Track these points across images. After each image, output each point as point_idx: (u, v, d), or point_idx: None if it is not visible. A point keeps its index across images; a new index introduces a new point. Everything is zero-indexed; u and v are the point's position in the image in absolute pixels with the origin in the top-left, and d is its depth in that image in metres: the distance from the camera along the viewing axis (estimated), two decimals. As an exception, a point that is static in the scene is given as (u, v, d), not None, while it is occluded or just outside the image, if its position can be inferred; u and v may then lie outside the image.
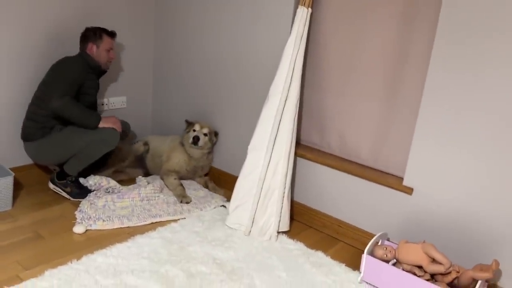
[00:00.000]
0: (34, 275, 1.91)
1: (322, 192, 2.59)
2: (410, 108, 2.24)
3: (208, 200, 2.78)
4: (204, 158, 3.01)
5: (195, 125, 2.92)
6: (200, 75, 3.10)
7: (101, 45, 2.68)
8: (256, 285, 1.99)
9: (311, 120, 2.65)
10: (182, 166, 2.94)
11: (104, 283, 1.89)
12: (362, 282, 2.10)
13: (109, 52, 2.74)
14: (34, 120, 2.56)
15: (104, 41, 2.69)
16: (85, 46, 2.67)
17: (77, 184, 2.69)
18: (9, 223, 2.35)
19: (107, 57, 2.73)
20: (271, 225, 2.44)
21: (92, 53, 2.67)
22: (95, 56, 2.67)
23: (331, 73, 2.50)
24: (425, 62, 2.14)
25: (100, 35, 2.68)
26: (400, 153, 2.32)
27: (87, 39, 2.68)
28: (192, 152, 2.93)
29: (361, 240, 2.43)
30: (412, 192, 2.22)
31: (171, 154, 2.96)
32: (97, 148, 2.59)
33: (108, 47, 2.72)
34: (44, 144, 2.57)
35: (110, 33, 2.74)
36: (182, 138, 2.99)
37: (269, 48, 2.67)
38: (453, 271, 1.95)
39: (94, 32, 2.68)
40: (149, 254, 2.14)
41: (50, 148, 2.59)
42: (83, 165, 2.65)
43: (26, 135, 2.61)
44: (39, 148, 2.60)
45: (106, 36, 2.71)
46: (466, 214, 2.07)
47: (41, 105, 2.54)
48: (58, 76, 2.54)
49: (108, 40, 2.72)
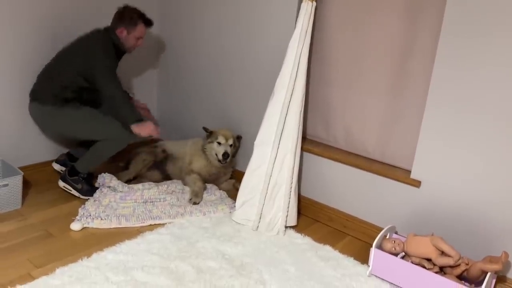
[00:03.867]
0: (45, 273, 1.93)
1: (329, 186, 2.59)
2: (417, 100, 2.23)
3: (215, 205, 2.65)
4: (227, 165, 2.93)
5: (219, 136, 2.80)
6: (204, 71, 3.10)
7: (133, 32, 2.59)
8: (265, 280, 2.00)
9: (317, 114, 2.65)
10: (203, 171, 2.87)
11: (115, 280, 1.90)
12: (370, 275, 2.10)
13: (138, 40, 2.65)
14: (53, 81, 2.49)
15: (137, 29, 2.60)
16: (116, 27, 2.58)
17: (88, 181, 2.68)
18: (19, 221, 2.37)
19: (134, 44, 2.65)
20: (278, 220, 2.45)
21: (121, 36, 2.59)
22: (123, 40, 2.60)
23: (337, 67, 2.49)
24: (431, 56, 2.13)
25: (135, 22, 2.58)
26: (407, 146, 2.31)
27: (121, 22, 2.57)
28: (216, 164, 2.86)
29: (369, 233, 2.43)
30: (420, 185, 2.22)
31: (193, 158, 2.90)
32: (110, 146, 2.58)
33: (139, 35, 2.63)
34: (58, 115, 2.52)
35: (147, 22, 2.64)
36: (204, 146, 2.89)
37: (274, 43, 2.66)
38: (462, 263, 1.95)
39: (131, 17, 2.58)
40: (159, 250, 2.15)
41: (64, 121, 2.54)
42: (94, 164, 2.65)
43: (36, 94, 2.55)
44: (50, 115, 2.54)
45: (141, 25, 2.61)
46: (474, 206, 2.07)
47: (69, 70, 2.48)
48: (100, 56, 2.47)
49: (142, 29, 2.62)
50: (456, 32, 1.98)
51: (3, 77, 2.61)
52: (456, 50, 2.00)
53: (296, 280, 2.02)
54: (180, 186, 2.82)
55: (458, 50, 1.99)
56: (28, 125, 2.77)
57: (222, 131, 2.84)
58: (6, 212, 2.45)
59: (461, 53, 1.98)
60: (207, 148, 2.85)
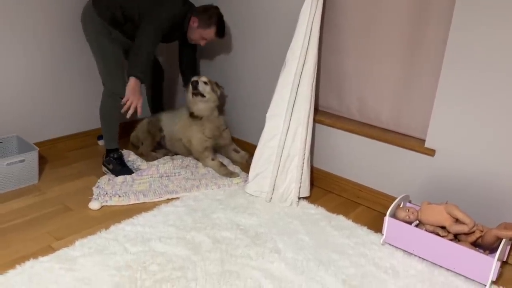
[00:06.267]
0: (65, 245, 1.98)
1: (342, 157, 2.59)
2: (431, 68, 2.19)
3: (229, 178, 2.67)
4: (216, 116, 2.83)
5: (192, 82, 2.73)
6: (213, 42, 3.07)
7: (201, 30, 2.60)
8: (280, 249, 2.03)
9: (330, 85, 2.62)
10: (205, 140, 2.79)
11: (133, 250, 1.95)
12: (384, 243, 2.12)
13: (202, 40, 2.66)
14: (114, 1, 2.47)
15: (207, 31, 2.61)
16: (195, 14, 2.57)
17: (120, 161, 2.67)
18: (37, 196, 2.42)
19: (197, 39, 2.66)
20: (291, 191, 2.47)
21: (191, 24, 2.59)
22: (190, 28, 2.61)
23: (349, 35, 2.44)
24: (447, 20, 2.07)
25: (209, 24, 2.59)
26: (421, 115, 2.29)
27: (201, 14, 2.57)
28: (198, 109, 2.75)
29: (382, 203, 2.44)
30: (434, 154, 2.20)
31: (188, 134, 2.83)
32: (106, 105, 2.60)
33: (206, 36, 2.63)
34: (95, 23, 2.49)
35: (219, 31, 2.63)
36: (187, 105, 2.82)
37: (284, 12, 2.61)
38: (477, 230, 1.95)
39: (210, 16, 2.58)
40: (175, 222, 2.19)
41: (93, 32, 2.52)
42: (109, 132, 2.66)
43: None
44: (91, 18, 2.49)
45: (212, 29, 2.60)
46: (489, 173, 2.06)
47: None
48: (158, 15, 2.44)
49: (211, 34, 2.62)
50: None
51: (14, 54, 2.62)
52: (472, 13, 1.94)
53: (310, 248, 2.05)
54: (194, 160, 2.84)
55: (475, 14, 1.93)
56: (42, 101, 2.79)
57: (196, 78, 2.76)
58: (24, 187, 2.50)
59: (478, 16, 1.92)
60: (188, 100, 2.78)
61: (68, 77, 2.89)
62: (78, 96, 2.99)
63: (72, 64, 2.89)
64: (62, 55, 2.81)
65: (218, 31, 2.62)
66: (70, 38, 2.81)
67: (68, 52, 2.84)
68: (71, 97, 2.95)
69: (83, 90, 2.99)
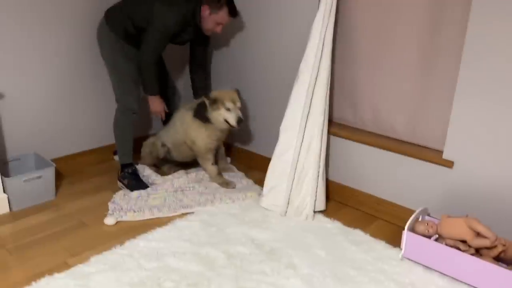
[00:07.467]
0: (80, 261, 1.98)
1: (358, 169, 2.54)
2: (448, 78, 2.15)
3: (244, 192, 2.64)
4: None
5: (226, 102, 2.58)
6: (227, 54, 3.08)
7: (214, 15, 2.52)
8: (296, 264, 2.00)
9: (343, 96, 2.59)
10: (209, 143, 2.73)
11: (148, 267, 1.94)
12: (403, 258, 2.07)
13: (218, 26, 2.58)
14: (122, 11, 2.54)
15: (219, 14, 2.52)
16: (204, 2, 2.51)
17: (134, 176, 2.68)
18: (53, 212, 2.44)
19: (213, 28, 2.59)
20: (307, 205, 2.43)
21: (203, 14, 2.54)
22: (203, 18, 2.55)
23: (362, 45, 2.42)
24: (462, 29, 2.04)
25: (220, 6, 2.51)
26: (438, 126, 2.24)
27: (208, 1, 2.51)
28: (220, 122, 2.64)
29: (401, 216, 2.38)
30: (453, 166, 2.15)
31: (193, 135, 2.72)
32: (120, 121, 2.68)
33: (220, 20, 2.55)
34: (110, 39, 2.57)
35: (232, 10, 2.55)
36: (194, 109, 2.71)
37: (297, 23, 2.61)
38: (499, 244, 1.89)
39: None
40: (189, 237, 2.18)
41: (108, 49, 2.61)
42: (123, 149, 2.70)
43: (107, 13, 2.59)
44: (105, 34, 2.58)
45: (224, 10, 2.52)
46: (510, 185, 1.99)
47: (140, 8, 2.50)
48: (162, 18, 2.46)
49: (224, 15, 2.54)
50: (489, 0, 1.88)
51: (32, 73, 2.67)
52: (489, 21, 1.90)
53: (326, 264, 2.01)
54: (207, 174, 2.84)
55: (492, 21, 1.89)
56: (59, 118, 2.84)
57: (227, 95, 2.62)
58: (41, 203, 2.53)
59: (495, 24, 1.88)
60: (213, 117, 2.63)
61: (84, 93, 2.94)
62: (94, 112, 3.03)
63: (88, 82, 2.93)
64: (78, 74, 2.86)
65: (230, 10, 2.56)
66: (86, 56, 2.86)
67: (84, 70, 2.89)
68: (87, 113, 2.99)
69: (98, 106, 3.03)
